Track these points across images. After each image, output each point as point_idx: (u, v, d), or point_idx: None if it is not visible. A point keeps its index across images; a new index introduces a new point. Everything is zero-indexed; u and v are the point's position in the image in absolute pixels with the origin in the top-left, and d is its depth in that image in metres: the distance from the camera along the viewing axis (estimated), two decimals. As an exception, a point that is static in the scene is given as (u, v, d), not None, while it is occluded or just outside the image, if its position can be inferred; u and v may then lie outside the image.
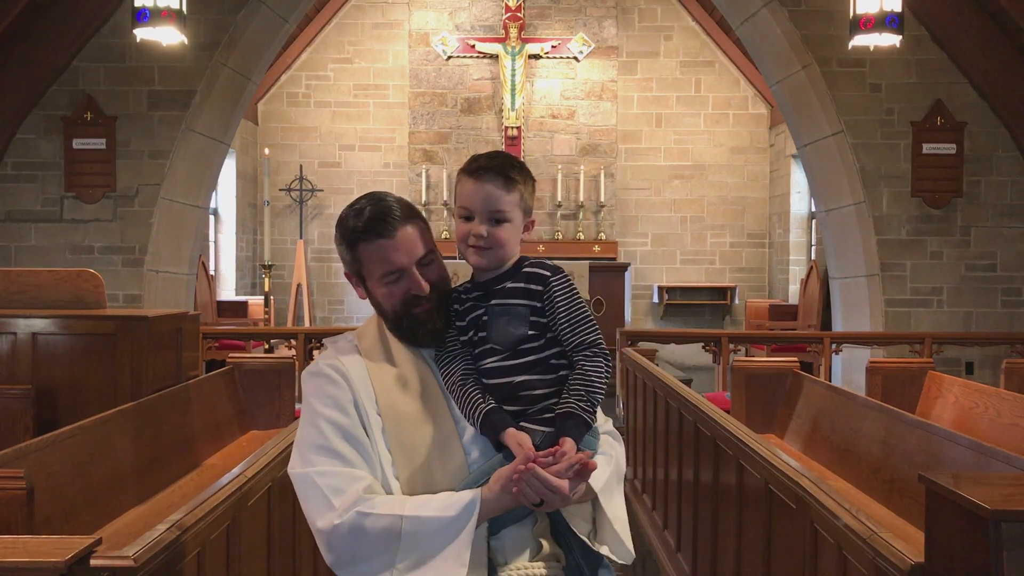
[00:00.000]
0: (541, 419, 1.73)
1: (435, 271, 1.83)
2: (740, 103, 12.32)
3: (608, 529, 1.77)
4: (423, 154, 11.95)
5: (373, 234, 1.77)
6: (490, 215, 1.77)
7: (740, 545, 3.49)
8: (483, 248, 1.77)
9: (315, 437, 1.73)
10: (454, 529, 1.64)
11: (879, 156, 7.66)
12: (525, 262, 1.81)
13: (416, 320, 1.80)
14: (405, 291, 1.79)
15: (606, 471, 1.79)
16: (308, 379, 1.81)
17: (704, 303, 12.26)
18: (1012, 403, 4.44)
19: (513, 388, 1.74)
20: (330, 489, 1.67)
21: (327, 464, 1.70)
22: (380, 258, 1.78)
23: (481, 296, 1.81)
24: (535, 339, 1.76)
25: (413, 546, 1.64)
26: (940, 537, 1.92)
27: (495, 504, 1.66)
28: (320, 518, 1.67)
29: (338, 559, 1.68)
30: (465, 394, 1.75)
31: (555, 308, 1.76)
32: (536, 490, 1.62)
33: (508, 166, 1.81)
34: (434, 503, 1.67)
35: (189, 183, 7.78)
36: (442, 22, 11.87)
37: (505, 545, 1.72)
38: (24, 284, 4.66)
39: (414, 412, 1.76)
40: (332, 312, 12.35)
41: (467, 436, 1.76)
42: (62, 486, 3.04)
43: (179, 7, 6.18)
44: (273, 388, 5.19)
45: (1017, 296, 7.73)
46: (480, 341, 1.78)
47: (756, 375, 5.41)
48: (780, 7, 7.59)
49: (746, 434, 3.47)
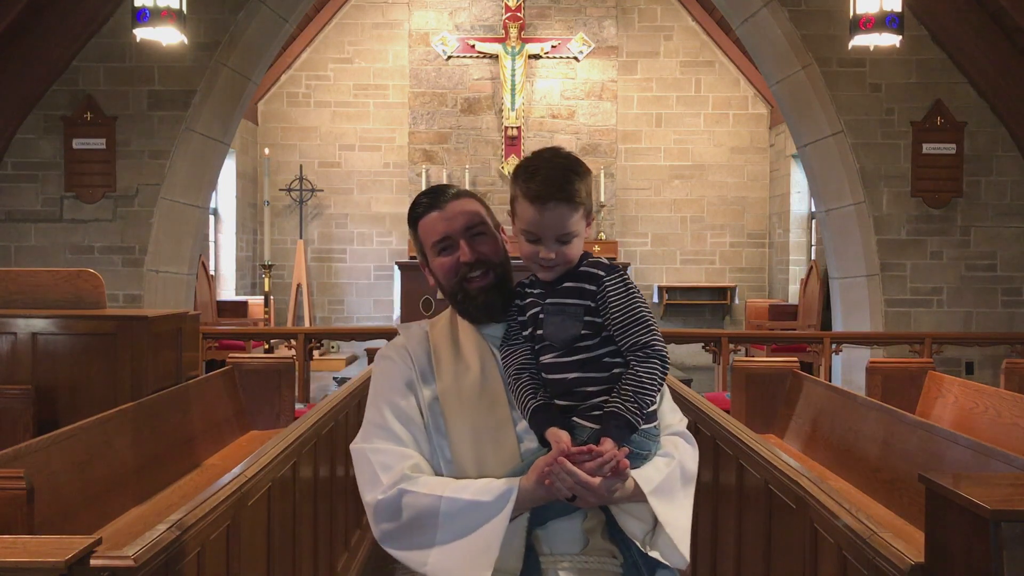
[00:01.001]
0: (591, 416, 1.73)
1: (487, 245, 1.87)
2: (740, 103, 12.32)
3: (662, 533, 1.76)
4: (423, 154, 11.95)
5: (428, 208, 1.89)
6: (558, 238, 1.75)
7: (740, 545, 3.49)
8: (552, 267, 1.78)
9: (375, 416, 1.83)
10: (488, 514, 1.67)
11: (879, 156, 7.66)
12: (584, 260, 1.80)
13: (468, 295, 1.86)
14: (456, 260, 1.85)
15: (662, 473, 1.77)
16: (377, 361, 1.93)
17: (704, 303, 12.26)
18: (1012, 403, 4.44)
19: (567, 384, 1.76)
20: (380, 466, 1.76)
21: (381, 442, 1.79)
22: (431, 228, 1.88)
23: (541, 293, 1.82)
24: (589, 338, 1.76)
25: (449, 526, 1.69)
26: (940, 537, 1.92)
27: (532, 495, 1.68)
28: (368, 492, 1.76)
29: (383, 533, 1.75)
30: (519, 386, 1.79)
31: (608, 308, 1.75)
32: (566, 484, 1.64)
33: (567, 183, 1.74)
34: (473, 487, 1.71)
35: (189, 183, 7.78)
36: (442, 22, 11.87)
37: (551, 536, 1.75)
38: (24, 284, 4.66)
39: (472, 398, 1.80)
40: (332, 312, 12.35)
41: (522, 425, 1.79)
42: (62, 486, 3.04)
43: (179, 7, 6.18)
44: (273, 388, 5.20)
45: (1017, 296, 7.73)
46: (538, 338, 1.80)
47: (756, 375, 5.41)
48: (780, 7, 7.59)
49: (746, 434, 3.47)
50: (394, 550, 1.75)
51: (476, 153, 11.87)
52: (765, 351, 7.93)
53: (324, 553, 3.86)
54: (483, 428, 1.78)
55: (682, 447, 1.86)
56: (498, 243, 1.90)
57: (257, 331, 8.66)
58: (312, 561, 3.62)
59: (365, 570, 4.58)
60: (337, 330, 9.77)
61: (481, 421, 1.79)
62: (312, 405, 5.39)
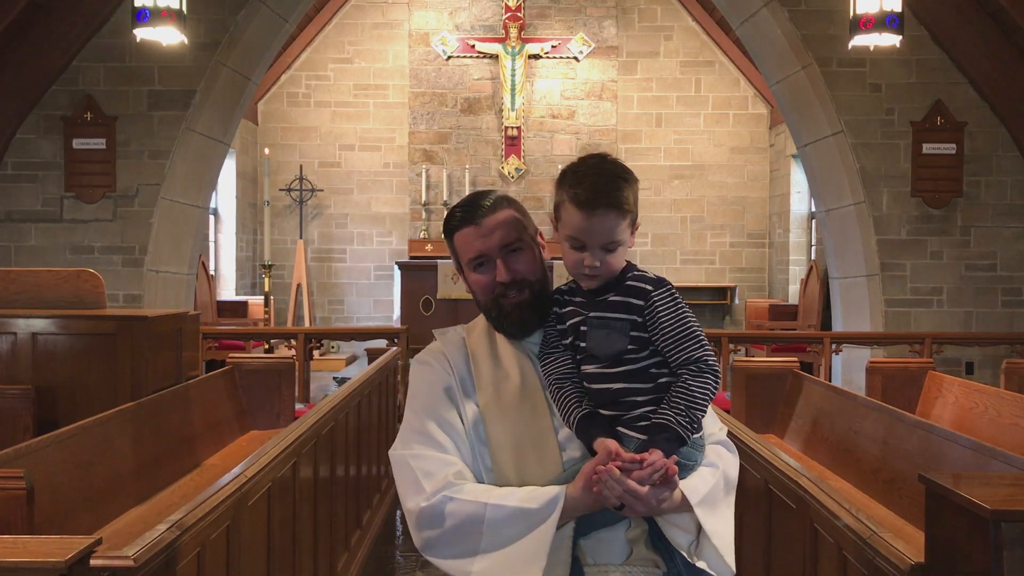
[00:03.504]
0: (637, 426, 1.71)
1: (524, 262, 1.83)
2: (740, 103, 12.32)
3: (707, 543, 1.74)
4: (423, 154, 11.95)
5: (463, 222, 1.84)
6: (604, 246, 1.72)
7: (740, 545, 3.49)
8: (596, 275, 1.74)
9: (415, 422, 1.80)
10: (535, 521, 1.65)
11: (879, 156, 7.66)
12: (628, 273, 1.76)
13: (503, 311, 1.83)
14: (492, 279, 1.82)
15: (708, 483, 1.75)
16: (414, 367, 1.89)
17: (704, 303, 12.26)
18: (1012, 403, 4.44)
19: (612, 395, 1.73)
20: (422, 472, 1.73)
21: (422, 449, 1.76)
22: (466, 244, 1.84)
23: (583, 303, 1.78)
24: (635, 352, 1.72)
25: (494, 534, 1.66)
26: (940, 537, 1.92)
27: (579, 502, 1.66)
28: (410, 499, 1.73)
29: (425, 541, 1.72)
30: (563, 396, 1.76)
31: (658, 324, 1.71)
32: (614, 492, 1.61)
33: (616, 190, 1.70)
34: (519, 494, 1.68)
35: (189, 183, 7.78)
36: (442, 22, 11.87)
37: (595, 546, 1.72)
38: (24, 284, 4.66)
39: (512, 405, 1.78)
40: (332, 312, 12.35)
41: (563, 434, 1.76)
42: (62, 486, 3.04)
43: (179, 7, 6.17)
44: (273, 388, 5.20)
45: (1017, 296, 7.72)
46: (580, 348, 1.77)
47: (756, 375, 5.41)
48: (780, 7, 7.58)
49: (746, 434, 3.47)
50: (437, 559, 1.72)
51: (476, 153, 11.87)
52: (765, 351, 7.93)
53: (324, 553, 3.86)
54: (525, 436, 1.76)
55: (725, 456, 1.85)
56: (535, 257, 1.86)
57: (257, 331, 8.66)
58: (312, 561, 3.62)
59: (365, 570, 4.58)
60: (337, 330, 9.77)
61: (522, 429, 1.76)
62: (312, 405, 5.39)
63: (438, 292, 10.30)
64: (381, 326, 11.35)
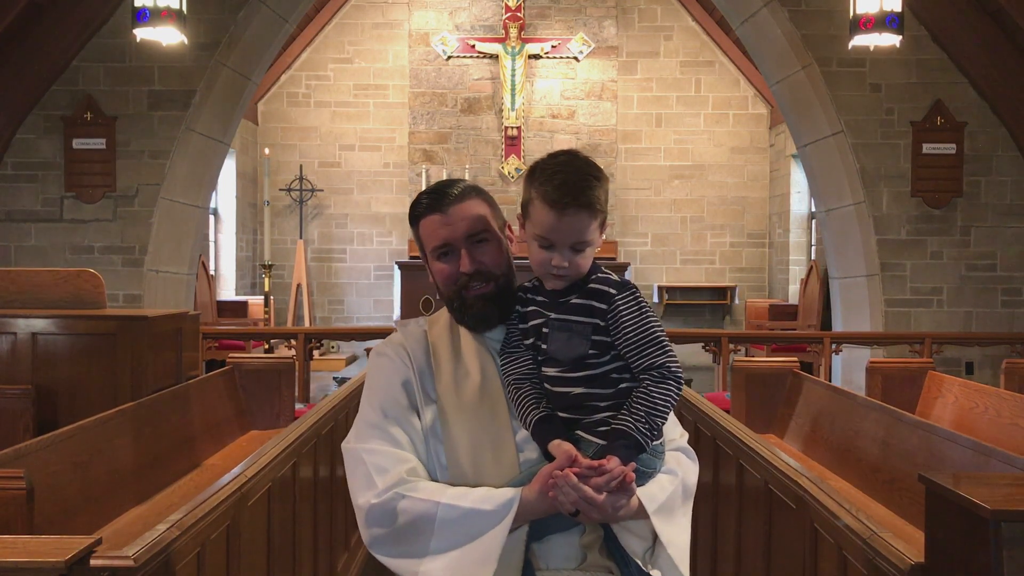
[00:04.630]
0: (597, 431, 1.68)
1: (490, 254, 1.79)
2: (740, 103, 12.32)
3: (663, 553, 1.71)
4: (423, 154, 11.95)
5: (429, 209, 1.81)
6: (573, 246, 1.68)
7: (740, 545, 3.49)
8: (563, 275, 1.71)
9: (370, 415, 1.76)
10: (488, 523, 1.61)
11: (879, 156, 7.66)
12: (592, 275, 1.73)
13: (465, 303, 1.79)
14: (455, 268, 1.78)
15: (666, 491, 1.73)
16: (372, 358, 1.85)
17: (704, 303, 12.26)
18: (1012, 403, 4.44)
19: (572, 399, 1.70)
20: (375, 468, 1.68)
21: (377, 443, 1.71)
22: (431, 232, 1.81)
23: (545, 303, 1.74)
24: (596, 356, 1.69)
25: (445, 535, 1.62)
26: (940, 537, 1.92)
27: (534, 506, 1.63)
28: (361, 495, 1.69)
29: (373, 538, 1.68)
30: (520, 396, 1.72)
31: (621, 328, 1.68)
32: (570, 498, 1.58)
33: (588, 188, 1.67)
34: (473, 495, 1.65)
35: (189, 183, 7.78)
36: (442, 22, 11.87)
37: (548, 550, 1.69)
38: (24, 284, 4.66)
39: (471, 404, 1.74)
40: (332, 312, 12.35)
41: (522, 435, 1.73)
42: (62, 486, 3.04)
43: (179, 7, 6.17)
44: (273, 388, 5.19)
45: (1017, 296, 7.72)
46: (541, 350, 1.73)
47: (756, 375, 5.41)
48: (780, 7, 7.58)
49: (746, 434, 3.47)
50: (384, 557, 1.69)
51: (476, 153, 11.87)
52: (765, 351, 7.92)
53: (324, 553, 3.86)
54: (482, 436, 1.72)
55: (685, 463, 1.82)
56: (502, 250, 1.82)
57: (257, 331, 8.66)
58: (312, 561, 3.62)
59: (365, 570, 4.58)
60: (337, 330, 9.76)
61: (480, 428, 1.72)
62: (312, 405, 5.38)
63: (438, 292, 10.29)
64: (381, 326, 11.32)
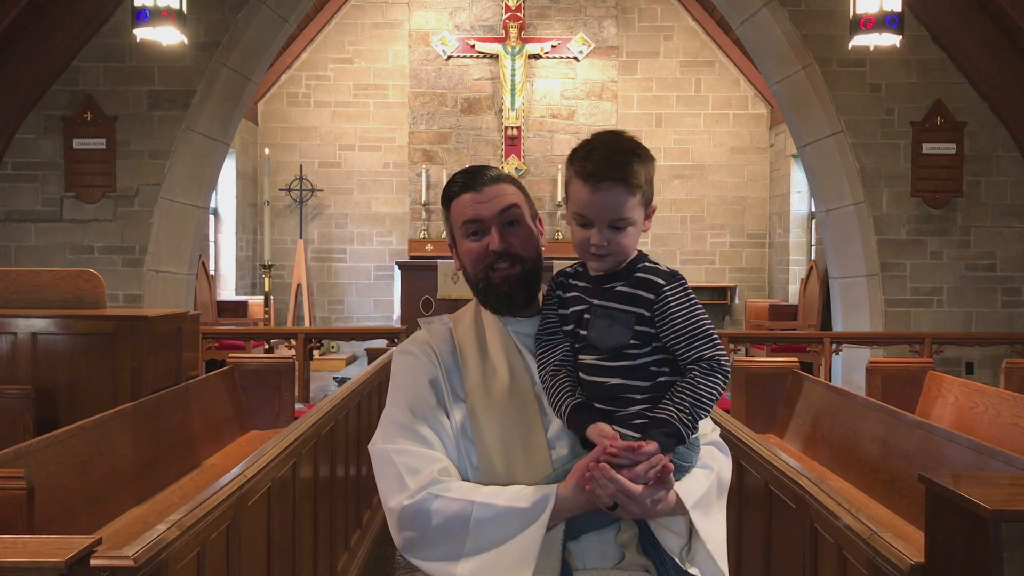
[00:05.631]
0: (631, 424, 1.62)
1: (520, 237, 1.76)
2: (740, 103, 12.31)
3: (700, 549, 1.68)
4: (423, 154, 11.95)
5: (464, 188, 1.78)
6: (611, 223, 1.62)
7: (740, 545, 3.49)
8: (604, 255, 1.65)
9: (398, 415, 1.71)
10: (525, 521, 1.57)
11: (879, 156, 7.66)
12: (639, 264, 1.67)
13: (491, 283, 1.75)
14: (484, 247, 1.74)
15: (703, 485, 1.69)
16: (397, 357, 1.80)
17: (704, 303, 12.16)
18: (1012, 403, 4.44)
19: (608, 390, 1.65)
20: (406, 468, 1.64)
21: (406, 443, 1.67)
22: (463, 209, 1.77)
23: (588, 289, 1.69)
24: (636, 347, 1.64)
25: (481, 535, 1.57)
26: (940, 537, 1.92)
27: (571, 502, 1.58)
28: (392, 497, 1.64)
29: (407, 541, 1.63)
30: (556, 384, 1.67)
31: (669, 320, 1.63)
32: (607, 491, 1.53)
33: (627, 165, 1.60)
34: (508, 492, 1.60)
35: (189, 183, 7.78)
36: (442, 22, 11.87)
37: (584, 549, 1.64)
38: (24, 284, 4.66)
39: (500, 401, 1.69)
40: (332, 312, 12.35)
41: (552, 431, 1.69)
42: (62, 486, 3.04)
43: (179, 7, 6.18)
44: (273, 388, 5.19)
45: (1017, 296, 7.73)
46: (580, 337, 1.68)
47: (756, 375, 5.41)
48: (780, 7, 7.59)
49: (746, 434, 3.47)
50: (418, 560, 1.64)
51: (476, 153, 11.87)
52: (765, 351, 7.92)
53: (324, 553, 3.86)
54: (513, 434, 1.67)
55: (719, 458, 1.79)
56: (532, 237, 1.78)
57: (257, 331, 8.66)
58: (312, 561, 3.62)
59: (365, 570, 4.58)
60: (337, 330, 9.77)
61: (511, 426, 1.67)
62: (312, 405, 5.39)
63: (438, 292, 10.29)
64: (381, 326, 11.34)
